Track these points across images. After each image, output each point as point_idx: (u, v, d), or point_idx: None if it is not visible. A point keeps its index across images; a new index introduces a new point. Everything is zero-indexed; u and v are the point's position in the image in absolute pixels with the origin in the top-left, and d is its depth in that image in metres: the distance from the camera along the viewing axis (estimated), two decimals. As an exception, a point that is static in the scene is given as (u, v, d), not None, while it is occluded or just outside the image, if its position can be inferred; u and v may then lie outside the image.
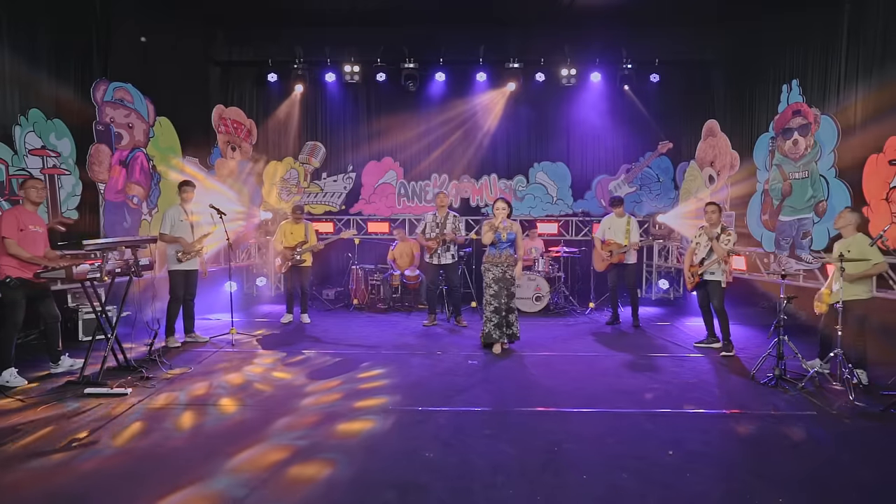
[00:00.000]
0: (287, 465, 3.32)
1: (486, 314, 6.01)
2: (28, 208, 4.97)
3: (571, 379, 5.11)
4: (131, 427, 3.86)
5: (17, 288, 4.75)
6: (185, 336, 6.38)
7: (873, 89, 6.17)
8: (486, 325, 5.99)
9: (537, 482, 3.12)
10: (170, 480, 3.10)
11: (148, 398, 4.44)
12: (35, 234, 4.91)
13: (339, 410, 4.22)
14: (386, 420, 4.03)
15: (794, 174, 7.20)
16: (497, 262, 5.96)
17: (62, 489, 3.04)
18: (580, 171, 10.26)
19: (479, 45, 9.41)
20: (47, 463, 3.31)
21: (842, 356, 4.61)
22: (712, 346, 6.17)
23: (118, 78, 7.05)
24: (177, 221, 6.13)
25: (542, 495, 2.98)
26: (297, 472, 3.24)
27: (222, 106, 9.21)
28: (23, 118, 5.89)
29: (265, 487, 3.05)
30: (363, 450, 3.54)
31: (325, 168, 10.26)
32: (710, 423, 4.03)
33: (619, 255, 7.35)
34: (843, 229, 5.10)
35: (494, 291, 5.95)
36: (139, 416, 4.05)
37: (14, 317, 4.76)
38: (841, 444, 3.70)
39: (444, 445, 3.60)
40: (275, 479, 3.14)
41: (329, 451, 3.51)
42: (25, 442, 3.59)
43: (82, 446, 3.53)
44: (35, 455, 3.41)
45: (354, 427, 3.91)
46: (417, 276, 8.70)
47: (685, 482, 3.15)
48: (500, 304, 5.92)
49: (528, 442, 3.66)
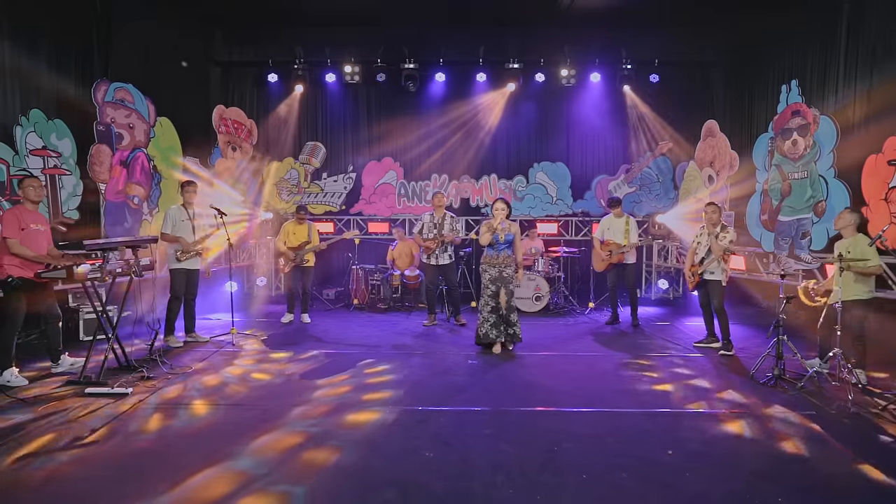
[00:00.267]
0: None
1: (482, 314, 6.00)
2: (28, 207, 4.98)
3: (571, 379, 5.12)
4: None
5: (19, 288, 4.75)
6: (185, 336, 6.40)
7: (872, 89, 6.19)
8: (482, 326, 5.98)
9: (537, 482, 3.14)
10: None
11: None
12: (37, 233, 4.93)
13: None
14: (386, 418, 4.05)
15: (793, 174, 7.22)
16: (494, 262, 5.97)
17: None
18: (580, 171, 10.29)
19: (478, 46, 9.44)
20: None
21: (841, 356, 4.61)
22: (712, 346, 6.18)
23: (119, 78, 7.07)
24: (178, 221, 6.15)
25: (542, 495, 2.99)
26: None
27: (223, 106, 9.23)
28: (24, 118, 5.90)
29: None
30: (366, 444, 3.59)
31: (325, 168, 10.28)
32: (709, 422, 4.04)
33: (619, 256, 7.37)
34: (844, 230, 5.12)
35: (492, 292, 5.95)
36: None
37: (15, 316, 4.77)
38: (840, 443, 3.71)
39: (444, 445, 3.62)
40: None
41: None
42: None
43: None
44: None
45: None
46: (417, 276, 8.72)
47: (685, 482, 3.16)
48: (497, 304, 5.93)
49: (528, 441, 3.67)
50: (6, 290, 4.76)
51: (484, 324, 5.98)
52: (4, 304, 4.79)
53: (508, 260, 5.99)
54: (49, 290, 5.10)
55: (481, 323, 6.01)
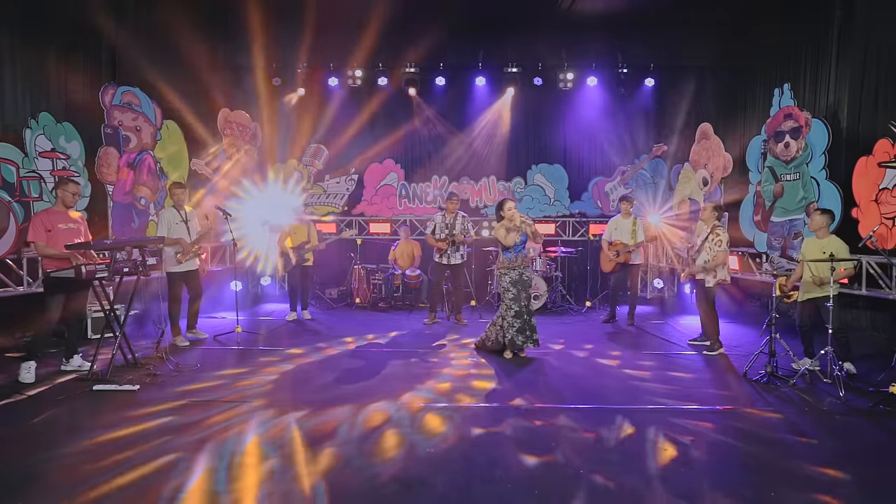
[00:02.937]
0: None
1: (506, 320, 5.69)
2: (59, 208, 5.11)
3: (566, 375, 5.22)
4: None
5: (58, 284, 4.88)
6: (186, 332, 6.49)
7: (863, 93, 6.33)
8: (508, 332, 5.67)
9: (534, 477, 3.21)
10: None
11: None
12: (68, 232, 5.02)
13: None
14: (389, 416, 4.17)
15: (785, 176, 7.36)
16: (514, 265, 5.70)
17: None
18: (577, 173, 10.44)
19: (478, 51, 9.60)
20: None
21: (832, 354, 4.71)
22: (706, 344, 6.31)
23: (126, 82, 7.21)
24: (172, 224, 6.20)
25: (539, 490, 3.07)
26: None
27: (228, 109, 9.36)
28: (33, 121, 6.04)
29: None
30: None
31: (327, 170, 10.42)
32: (703, 419, 4.10)
33: (626, 255, 7.51)
34: (818, 231, 5.28)
35: (514, 294, 5.69)
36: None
37: (50, 312, 4.90)
38: (832, 439, 3.78)
39: (444, 440, 3.70)
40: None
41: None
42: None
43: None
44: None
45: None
46: (418, 275, 8.86)
47: (679, 477, 3.22)
48: (520, 308, 5.70)
49: (526, 438, 3.75)
50: (47, 283, 4.93)
51: (510, 329, 5.67)
52: (44, 299, 4.95)
53: (526, 261, 5.87)
54: (86, 290, 5.22)
55: (507, 329, 5.68)
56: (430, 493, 3.02)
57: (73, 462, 3.33)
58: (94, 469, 3.24)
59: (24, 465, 3.29)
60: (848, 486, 3.17)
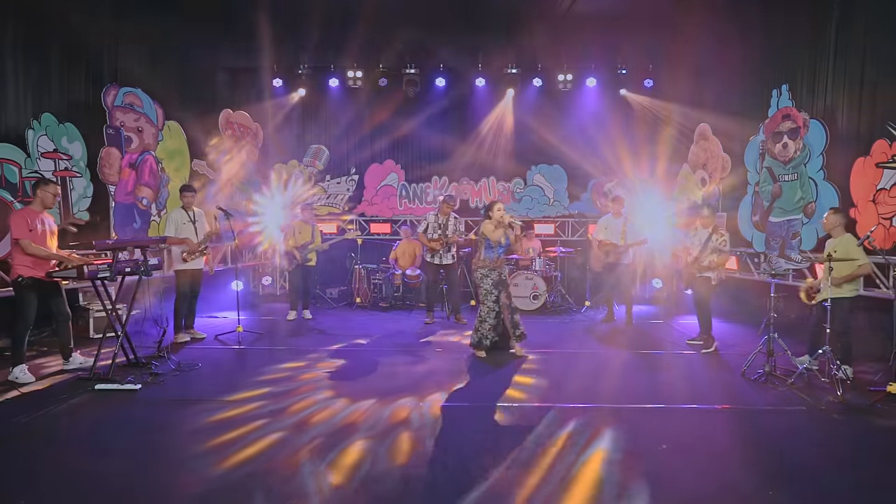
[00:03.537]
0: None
1: (487, 322, 5.80)
2: (36, 208, 4.98)
3: (565, 374, 5.24)
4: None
5: (30, 287, 4.85)
6: (184, 331, 6.51)
7: (861, 94, 6.35)
8: (480, 327, 5.81)
9: (530, 472, 3.24)
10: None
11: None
12: (43, 234, 4.95)
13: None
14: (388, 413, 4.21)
15: (783, 176, 7.38)
16: (495, 266, 5.83)
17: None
18: (576, 173, 10.47)
19: (478, 52, 9.65)
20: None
21: (830, 353, 4.72)
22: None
23: (128, 83, 7.24)
24: (180, 224, 6.28)
25: (537, 486, 3.09)
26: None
27: (229, 110, 9.40)
28: (36, 122, 6.07)
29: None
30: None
31: (328, 170, 10.46)
32: (701, 417, 4.12)
33: (616, 255, 7.53)
34: (832, 230, 5.27)
35: (496, 297, 5.81)
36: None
37: (26, 315, 4.86)
38: (829, 438, 3.80)
39: (440, 435, 3.74)
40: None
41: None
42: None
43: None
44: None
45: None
46: (418, 275, 8.89)
47: (678, 475, 3.23)
48: (500, 309, 5.83)
49: (525, 436, 3.76)
50: (17, 289, 4.87)
51: (482, 324, 5.82)
52: (16, 303, 4.90)
53: (504, 262, 5.99)
54: (59, 290, 5.18)
55: (484, 328, 5.82)
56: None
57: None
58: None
59: (25, 464, 3.32)
60: (847, 485, 3.18)
